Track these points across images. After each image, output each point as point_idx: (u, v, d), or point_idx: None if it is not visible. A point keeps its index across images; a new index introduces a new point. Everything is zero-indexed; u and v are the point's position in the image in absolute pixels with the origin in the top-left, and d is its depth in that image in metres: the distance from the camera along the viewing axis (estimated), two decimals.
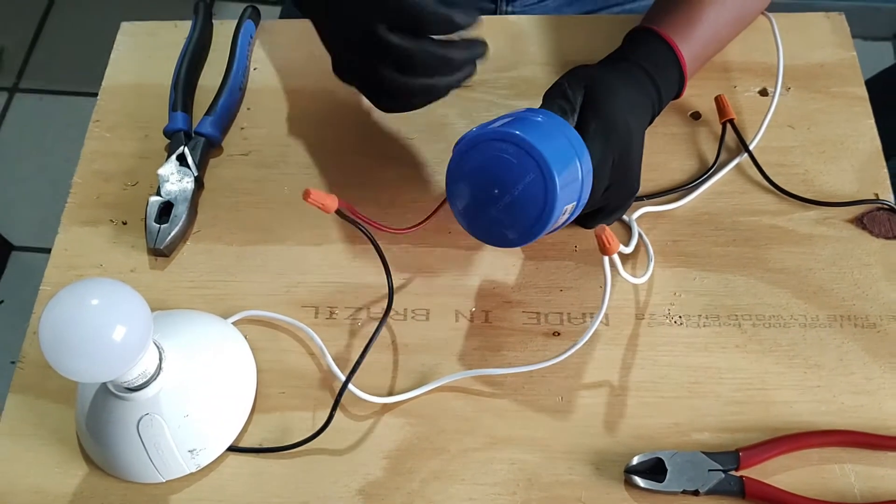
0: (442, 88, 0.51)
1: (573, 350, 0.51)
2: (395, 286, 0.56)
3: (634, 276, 0.54)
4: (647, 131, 0.56)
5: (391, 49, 0.48)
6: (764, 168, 0.59)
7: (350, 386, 0.51)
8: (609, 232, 0.46)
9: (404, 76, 0.49)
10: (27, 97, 1.63)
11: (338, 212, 0.50)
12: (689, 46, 0.57)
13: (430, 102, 0.53)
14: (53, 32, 1.72)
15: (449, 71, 0.50)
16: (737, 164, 0.60)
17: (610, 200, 0.54)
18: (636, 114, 0.54)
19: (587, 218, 0.56)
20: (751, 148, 0.60)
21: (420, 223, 0.56)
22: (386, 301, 0.55)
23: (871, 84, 0.65)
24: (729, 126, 0.61)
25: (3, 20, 1.72)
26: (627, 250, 0.53)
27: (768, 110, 0.61)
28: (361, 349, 0.52)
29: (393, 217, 0.58)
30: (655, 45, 0.57)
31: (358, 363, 0.51)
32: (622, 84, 0.54)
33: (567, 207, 0.48)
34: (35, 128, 1.59)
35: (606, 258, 0.48)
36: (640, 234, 0.57)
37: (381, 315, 0.55)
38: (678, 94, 0.59)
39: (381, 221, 0.53)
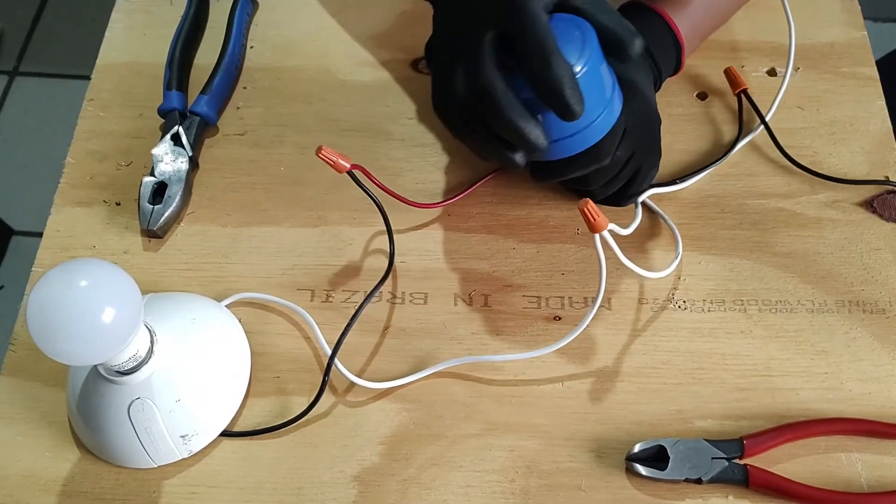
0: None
1: (571, 337, 0.50)
2: (392, 269, 0.54)
3: (659, 265, 0.53)
4: None
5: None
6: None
7: (345, 371, 0.50)
8: (592, 205, 0.44)
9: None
10: (27, 81, 1.62)
11: (349, 173, 0.50)
12: (684, 19, 0.55)
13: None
14: (53, 15, 1.70)
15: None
16: (744, 147, 0.59)
17: (641, 165, 0.52)
18: (647, 81, 0.52)
19: (623, 190, 0.54)
20: (762, 127, 0.59)
21: (447, 200, 0.56)
22: (381, 281, 0.54)
23: (881, 65, 0.63)
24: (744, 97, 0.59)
25: (3, 3, 1.70)
26: (625, 232, 0.50)
27: (779, 90, 0.60)
28: (359, 332, 0.51)
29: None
30: (649, 19, 0.55)
31: (343, 335, 0.51)
32: None
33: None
34: (35, 112, 1.58)
35: (598, 237, 0.46)
36: (664, 218, 0.56)
37: (377, 299, 0.53)
38: (677, 69, 0.57)
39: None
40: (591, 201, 0.45)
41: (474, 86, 0.46)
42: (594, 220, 0.45)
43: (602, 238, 0.46)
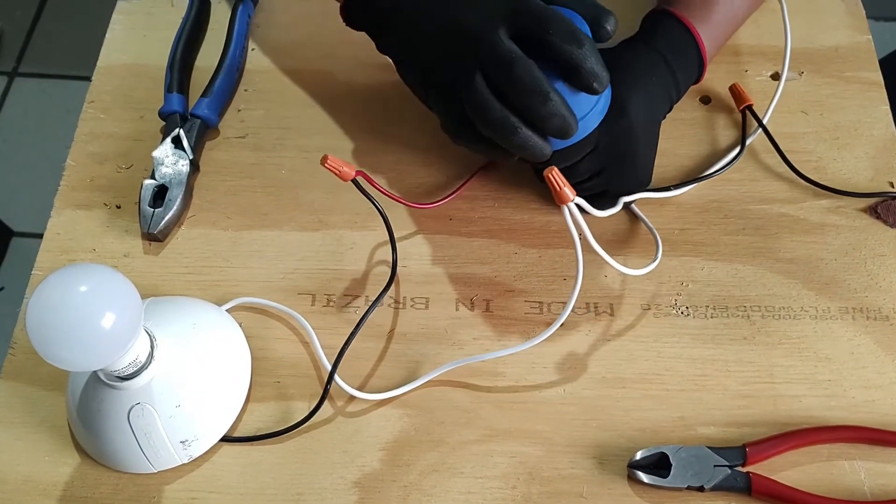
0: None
1: (555, 326, 0.49)
2: (394, 274, 0.54)
3: (640, 265, 0.52)
4: None
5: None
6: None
7: (344, 385, 0.50)
8: (558, 173, 0.44)
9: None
10: (27, 81, 1.62)
11: (354, 181, 0.50)
12: (707, 29, 0.55)
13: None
14: (53, 15, 1.70)
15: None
16: (747, 151, 0.59)
17: (611, 185, 0.53)
18: (650, 100, 0.52)
19: (591, 200, 0.54)
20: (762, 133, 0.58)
21: (444, 198, 0.56)
22: (384, 290, 0.53)
23: (882, 64, 0.63)
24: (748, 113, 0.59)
25: (3, 3, 1.70)
26: (598, 213, 0.49)
27: (775, 94, 0.60)
28: (359, 337, 0.51)
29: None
30: (673, 28, 0.55)
31: (344, 348, 0.50)
32: (638, 69, 0.52)
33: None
34: (35, 113, 1.57)
35: (566, 210, 0.45)
36: (644, 221, 0.55)
37: (379, 303, 0.53)
38: (698, 79, 0.57)
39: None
40: (556, 169, 0.44)
41: (512, 80, 0.45)
42: (559, 189, 0.44)
43: (571, 214, 0.46)
